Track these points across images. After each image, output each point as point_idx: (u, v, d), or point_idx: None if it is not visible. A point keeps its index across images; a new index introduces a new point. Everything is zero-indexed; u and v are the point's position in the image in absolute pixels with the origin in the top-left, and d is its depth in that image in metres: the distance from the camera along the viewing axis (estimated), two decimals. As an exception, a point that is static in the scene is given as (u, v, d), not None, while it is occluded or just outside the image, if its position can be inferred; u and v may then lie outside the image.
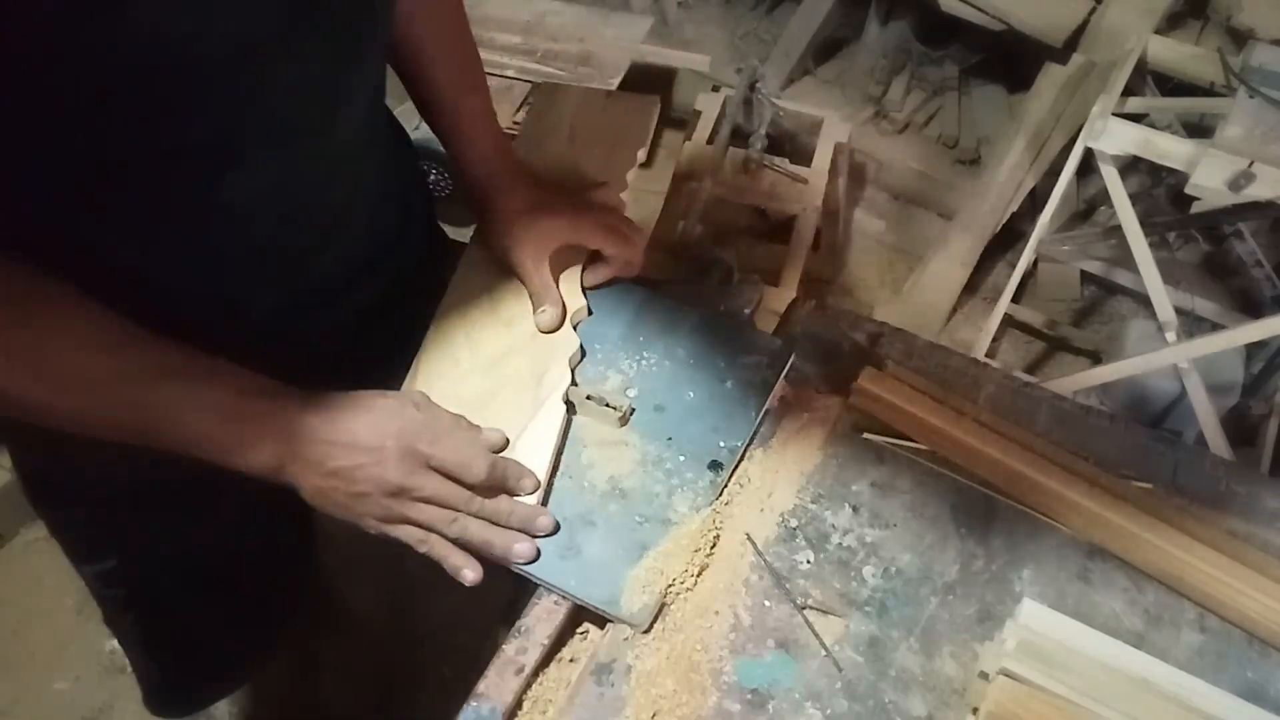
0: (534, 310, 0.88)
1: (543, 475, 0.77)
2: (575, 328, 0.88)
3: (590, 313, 0.91)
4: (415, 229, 0.98)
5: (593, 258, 0.93)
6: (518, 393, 0.82)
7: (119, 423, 0.66)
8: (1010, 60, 2.59)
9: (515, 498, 0.75)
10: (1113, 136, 1.77)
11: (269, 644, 1.19)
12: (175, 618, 1.03)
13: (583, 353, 0.88)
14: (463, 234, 0.97)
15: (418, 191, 1.03)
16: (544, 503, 0.77)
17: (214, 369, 0.68)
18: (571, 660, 0.74)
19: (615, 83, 2.22)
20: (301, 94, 0.67)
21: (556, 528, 0.75)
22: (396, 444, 0.69)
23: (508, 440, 0.78)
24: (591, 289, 0.92)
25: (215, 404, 0.67)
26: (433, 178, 2.15)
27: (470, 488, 0.72)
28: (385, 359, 0.89)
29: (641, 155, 1.05)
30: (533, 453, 0.78)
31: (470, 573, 0.72)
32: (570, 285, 0.91)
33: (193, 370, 0.67)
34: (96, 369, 0.64)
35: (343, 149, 0.76)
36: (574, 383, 0.84)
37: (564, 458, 0.80)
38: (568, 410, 0.82)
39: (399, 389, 0.86)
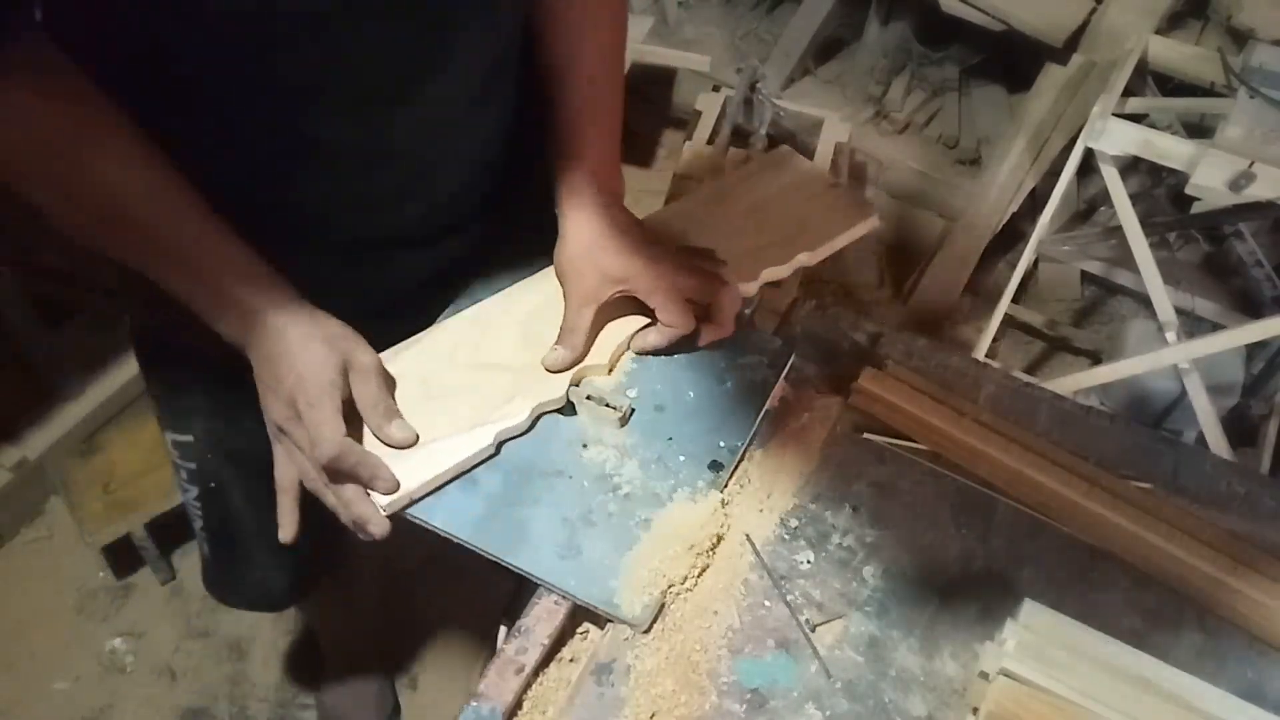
0: (554, 343, 0.85)
1: (415, 484, 0.74)
2: (579, 384, 0.84)
3: (610, 372, 0.85)
4: (521, 195, 0.96)
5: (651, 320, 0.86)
6: (472, 407, 0.80)
7: (125, 248, 0.73)
8: (1010, 60, 2.59)
9: (367, 491, 0.74)
10: (1113, 137, 1.77)
11: (307, 575, 1.22)
12: (230, 510, 1.07)
13: (571, 409, 0.83)
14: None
15: (529, 166, 1.00)
16: (406, 508, 0.75)
17: (220, 242, 0.73)
18: (571, 660, 0.74)
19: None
20: (383, 60, 0.72)
21: (385, 533, 0.74)
22: (286, 387, 0.73)
23: (416, 439, 0.77)
24: (640, 353, 0.87)
25: (207, 272, 0.73)
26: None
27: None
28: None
29: (804, 259, 0.92)
30: (429, 462, 0.76)
31: (374, 529, 0.74)
32: (608, 338, 0.85)
33: (202, 236, 0.72)
34: (125, 199, 0.70)
35: (439, 112, 0.79)
36: (527, 431, 0.81)
37: (564, 457, 0.80)
38: (493, 447, 0.78)
39: None
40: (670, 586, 0.73)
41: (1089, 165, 1.96)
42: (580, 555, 0.75)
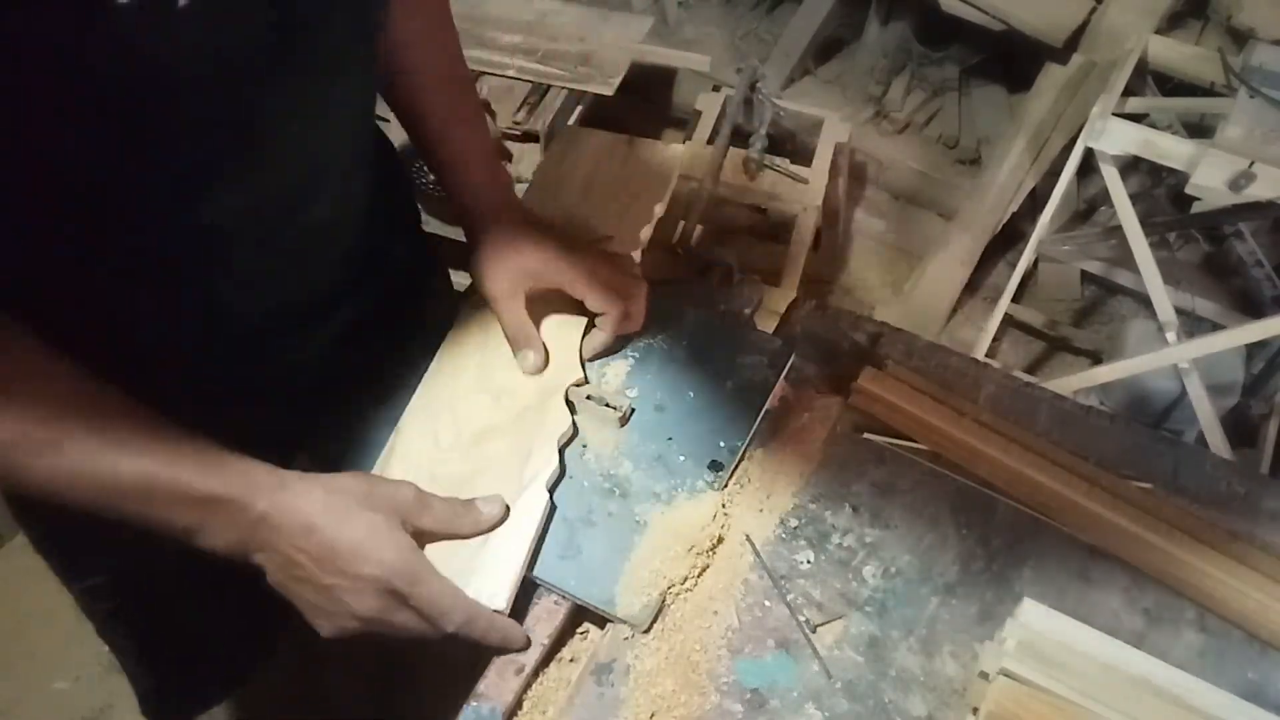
0: (514, 354, 0.84)
1: (515, 573, 0.71)
2: (572, 405, 0.83)
3: (586, 381, 0.85)
4: (402, 245, 0.96)
5: (591, 324, 0.87)
6: (499, 480, 0.76)
7: (84, 491, 0.61)
8: (1010, 60, 2.59)
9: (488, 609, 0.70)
10: (1113, 136, 1.77)
11: (267, 648, 1.17)
12: (167, 629, 1.01)
13: (575, 431, 0.82)
14: (458, 232, 0.92)
15: (405, 206, 1.01)
16: (515, 599, 0.72)
17: (180, 443, 0.63)
18: (571, 660, 0.74)
19: (615, 83, 2.22)
20: (285, 114, 0.65)
21: (527, 644, 0.72)
22: (375, 578, 0.65)
23: (507, 509, 0.74)
24: (591, 359, 0.87)
25: (178, 485, 0.62)
26: (431, 178, 2.14)
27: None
28: (372, 379, 0.88)
29: (659, 210, 0.99)
30: (507, 546, 0.73)
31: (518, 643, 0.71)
32: (567, 353, 0.85)
33: (159, 443, 0.62)
34: (63, 426, 0.60)
35: (326, 167, 0.74)
36: (561, 466, 0.78)
37: (565, 457, 0.80)
38: (549, 500, 0.76)
39: (385, 411, 0.84)
40: (670, 586, 0.74)
41: (1089, 165, 1.96)
42: (580, 555, 0.75)
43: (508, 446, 0.79)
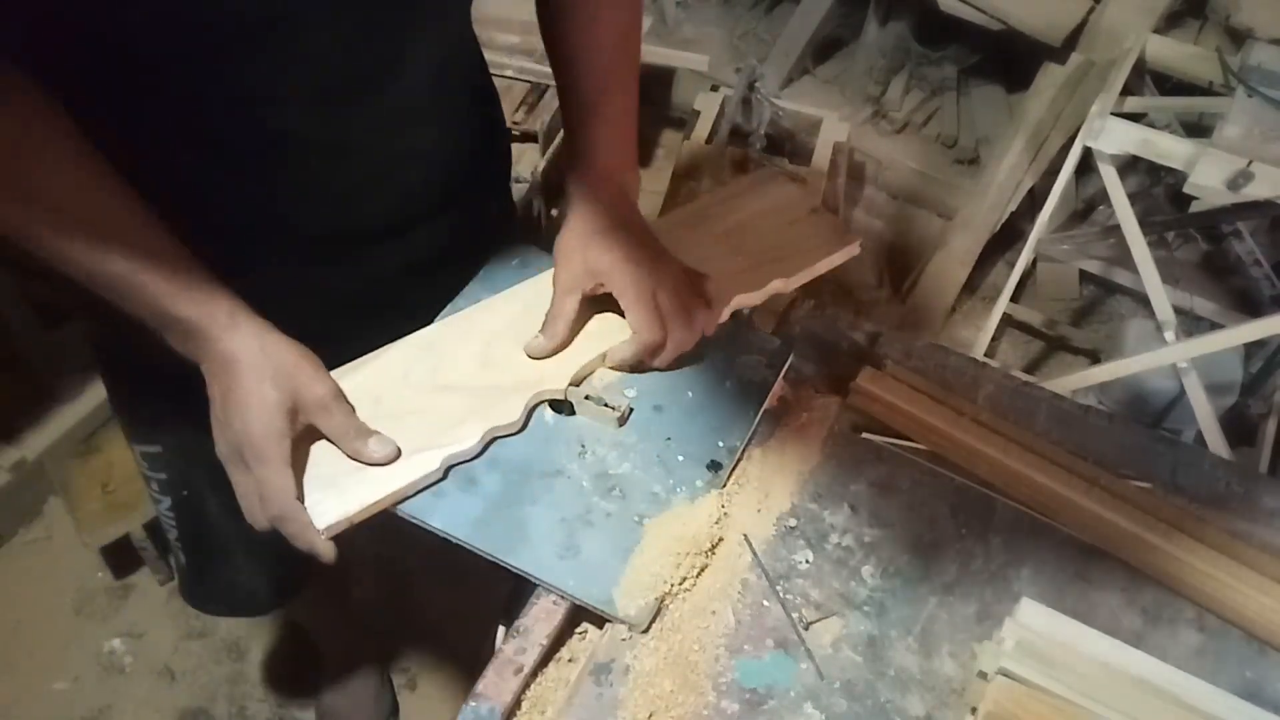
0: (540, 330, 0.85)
1: (356, 508, 0.73)
2: (578, 384, 0.83)
3: (568, 404, 0.83)
4: (481, 189, 0.96)
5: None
6: (420, 431, 0.77)
7: (69, 259, 0.69)
8: (1009, 60, 2.59)
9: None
10: (1111, 136, 1.77)
11: (290, 577, 1.21)
12: (205, 518, 1.06)
13: (571, 409, 0.82)
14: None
15: (494, 156, 1.02)
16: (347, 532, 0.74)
17: (161, 256, 0.70)
18: (570, 660, 0.74)
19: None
20: (342, 59, 0.72)
21: (332, 558, 0.73)
22: (233, 433, 0.72)
23: (398, 451, 0.75)
24: (614, 368, 0.86)
25: (146, 295, 0.70)
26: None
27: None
28: (426, 312, 0.89)
29: (778, 285, 0.91)
30: (374, 486, 0.74)
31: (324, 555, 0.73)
32: (570, 362, 0.84)
33: (143, 253, 0.70)
34: (64, 208, 0.68)
35: (399, 107, 0.79)
36: (478, 455, 0.79)
37: (563, 457, 0.80)
38: (441, 471, 0.77)
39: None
40: (669, 586, 0.73)
41: (1087, 164, 1.96)
42: (579, 555, 0.75)
43: (451, 409, 0.80)
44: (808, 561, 0.77)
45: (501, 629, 0.96)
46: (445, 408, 0.80)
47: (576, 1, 0.86)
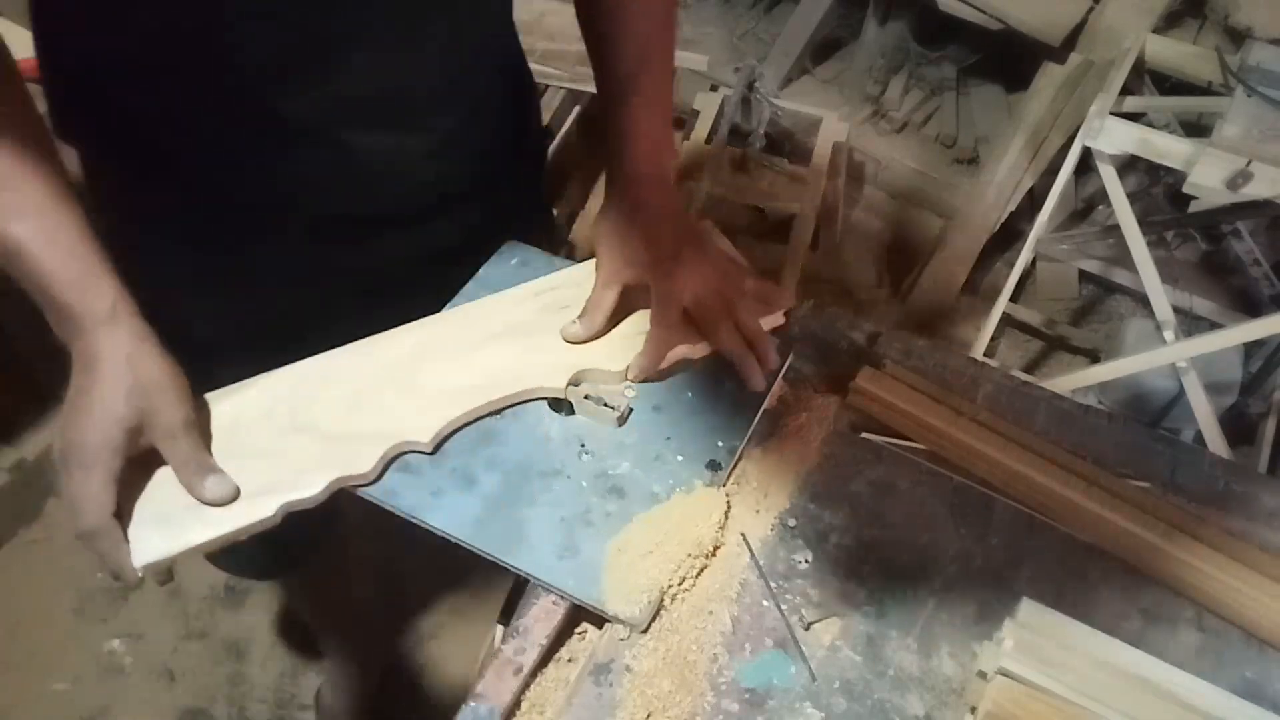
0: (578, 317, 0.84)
1: (179, 547, 0.71)
2: (578, 383, 0.83)
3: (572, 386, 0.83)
4: (508, 184, 0.96)
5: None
6: (269, 472, 0.74)
7: None
8: (1008, 59, 2.59)
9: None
10: (1111, 135, 1.77)
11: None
12: None
13: (571, 409, 0.82)
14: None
15: (525, 152, 1.02)
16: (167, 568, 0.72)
17: (60, 236, 0.69)
18: (569, 660, 0.74)
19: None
20: (340, 43, 0.73)
21: (134, 583, 0.72)
22: (64, 442, 0.69)
23: (235, 494, 0.72)
24: (636, 379, 0.85)
25: (33, 271, 0.69)
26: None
27: None
28: (440, 300, 0.89)
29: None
30: (198, 528, 0.71)
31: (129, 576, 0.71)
32: (622, 342, 0.83)
33: (45, 230, 0.68)
34: None
35: (411, 92, 0.80)
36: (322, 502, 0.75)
37: (562, 457, 0.80)
38: (276, 518, 0.73)
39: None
40: (668, 586, 0.73)
41: (1087, 164, 1.96)
42: (578, 555, 0.75)
43: (304, 454, 0.76)
44: (807, 561, 0.77)
45: (500, 629, 0.96)
46: (296, 451, 0.76)
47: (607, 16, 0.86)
